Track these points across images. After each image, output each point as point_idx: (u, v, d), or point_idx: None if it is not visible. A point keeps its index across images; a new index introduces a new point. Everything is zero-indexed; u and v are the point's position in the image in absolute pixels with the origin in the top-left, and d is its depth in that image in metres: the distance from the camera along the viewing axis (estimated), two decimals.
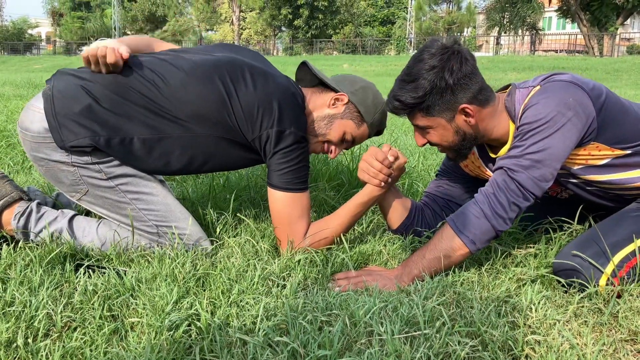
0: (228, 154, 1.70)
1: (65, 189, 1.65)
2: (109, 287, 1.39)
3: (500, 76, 16.22)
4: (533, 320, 1.32)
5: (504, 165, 1.47)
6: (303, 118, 1.68)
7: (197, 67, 1.66)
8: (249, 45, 46.41)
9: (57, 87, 1.60)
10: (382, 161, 1.66)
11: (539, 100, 1.43)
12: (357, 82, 1.85)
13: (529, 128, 1.43)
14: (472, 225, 1.48)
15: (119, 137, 1.58)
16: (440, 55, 1.45)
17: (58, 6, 54.79)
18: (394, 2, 51.90)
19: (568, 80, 1.46)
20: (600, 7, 28.17)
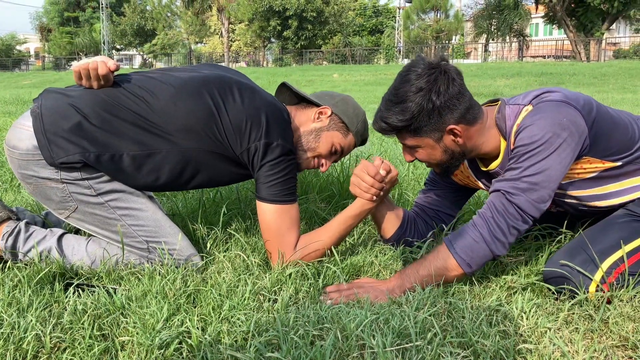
0: (217, 168, 1.70)
1: (54, 206, 1.64)
2: (99, 306, 1.38)
3: (489, 83, 16.33)
4: (524, 328, 1.33)
5: (502, 188, 1.46)
6: (290, 132, 1.69)
7: (185, 83, 1.67)
8: (239, 56, 46.52)
9: (45, 105, 1.60)
10: (374, 176, 1.66)
11: (533, 121, 1.43)
12: (335, 95, 1.88)
13: (524, 150, 1.43)
14: (470, 248, 1.47)
15: (108, 153, 1.58)
16: (427, 77, 1.45)
17: (46, 22, 54.74)
18: (382, 12, 52.28)
19: (560, 100, 1.45)
20: (586, 13, 28.49)
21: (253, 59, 44.30)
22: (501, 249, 1.47)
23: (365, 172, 1.67)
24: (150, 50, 44.58)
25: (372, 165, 1.68)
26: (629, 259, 1.45)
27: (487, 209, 1.49)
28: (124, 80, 1.69)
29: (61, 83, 21.81)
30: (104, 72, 1.61)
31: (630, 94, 11.87)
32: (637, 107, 8.09)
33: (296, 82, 19.76)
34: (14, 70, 45.53)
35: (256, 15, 37.33)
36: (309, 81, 20.43)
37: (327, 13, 37.81)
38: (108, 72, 1.62)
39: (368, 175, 1.67)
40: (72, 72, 1.68)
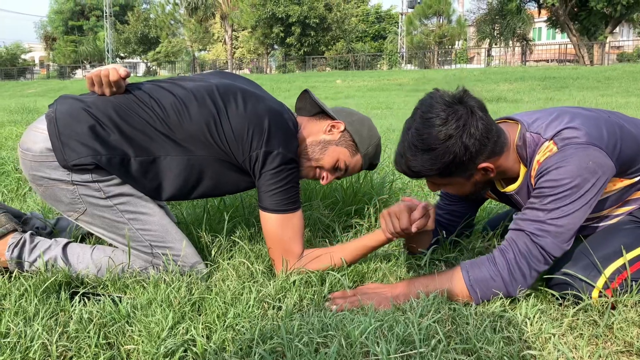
0: (221, 176, 1.71)
1: (63, 207, 1.67)
2: (105, 315, 1.39)
3: (493, 87, 16.33)
4: (528, 334, 1.33)
5: (526, 229, 1.43)
6: (293, 141, 1.69)
7: (191, 92, 1.70)
8: (242, 63, 46.68)
9: (60, 110, 1.65)
10: (404, 229, 1.60)
11: (559, 164, 1.39)
12: (354, 113, 1.88)
13: (550, 192, 1.40)
14: (486, 284, 1.45)
15: (119, 156, 1.61)
16: (455, 121, 1.38)
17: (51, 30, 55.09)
18: (385, 17, 52.42)
19: (585, 143, 1.41)
20: (589, 17, 28.49)
21: (256, 65, 44.46)
22: (517, 291, 1.45)
23: (398, 218, 1.61)
24: (154, 58, 44.82)
25: (407, 218, 1.60)
26: (632, 265, 1.45)
27: (509, 248, 1.45)
28: (135, 88, 1.73)
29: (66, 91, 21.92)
30: (115, 78, 1.66)
31: (635, 97, 11.85)
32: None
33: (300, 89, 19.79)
34: (19, 79, 45.83)
35: (259, 22, 37.49)
36: (312, 87, 20.47)
37: (330, 19, 37.94)
38: (119, 79, 1.67)
39: (400, 223, 1.61)
40: (76, 81, 1.73)
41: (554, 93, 14.01)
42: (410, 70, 30.14)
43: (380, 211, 2.18)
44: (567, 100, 11.35)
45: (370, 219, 2.15)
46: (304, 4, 36.10)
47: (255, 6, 36.83)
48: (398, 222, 1.61)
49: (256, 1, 36.58)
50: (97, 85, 1.69)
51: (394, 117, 8.50)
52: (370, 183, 2.51)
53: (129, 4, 52.88)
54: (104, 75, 1.67)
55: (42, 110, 8.88)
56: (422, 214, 1.61)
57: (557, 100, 11.64)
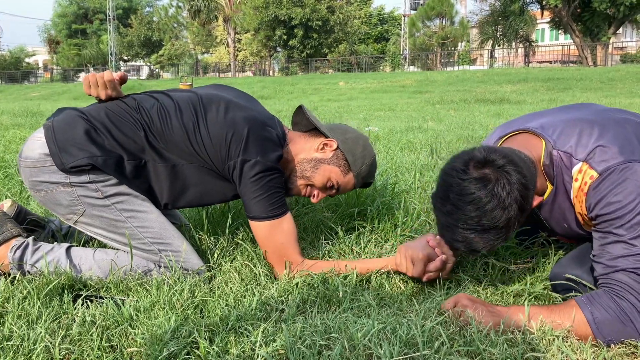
0: (207, 184, 1.74)
1: (63, 211, 1.69)
2: (108, 318, 1.39)
3: (496, 89, 16.32)
4: (532, 336, 1.32)
5: (624, 267, 1.32)
6: (274, 150, 1.69)
7: (175, 101, 1.76)
8: (245, 66, 46.74)
9: (56, 119, 1.72)
10: (417, 275, 1.60)
11: (613, 190, 1.34)
12: (349, 131, 1.88)
13: (621, 221, 1.33)
14: (617, 332, 1.32)
15: (114, 158, 1.65)
16: (501, 191, 1.32)
17: (54, 34, 55.36)
18: (388, 20, 52.46)
19: (625, 161, 1.35)
20: (592, 18, 28.45)
21: (259, 68, 44.53)
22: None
23: (412, 265, 1.61)
24: (157, 60, 44.93)
25: (422, 268, 1.59)
26: None
27: (625, 292, 1.32)
28: (128, 97, 1.80)
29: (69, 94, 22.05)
30: (109, 77, 1.74)
31: (639, 98, 11.83)
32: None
33: (302, 91, 19.86)
34: (23, 82, 46.00)
35: (262, 25, 37.54)
36: (315, 89, 20.51)
37: (333, 22, 37.96)
38: (113, 79, 1.75)
39: (413, 271, 1.60)
40: (80, 84, 1.77)
41: (557, 94, 13.99)
42: (413, 72, 30.13)
43: (383, 214, 2.19)
44: (570, 102, 11.33)
45: (373, 221, 2.14)
46: (306, 6, 36.14)
47: (258, 9, 36.89)
48: (412, 268, 1.60)
49: (259, 4, 36.65)
50: (93, 87, 1.76)
51: (397, 119, 8.50)
52: (373, 185, 2.50)
53: (132, 7, 53.10)
54: (99, 77, 1.75)
55: (46, 114, 8.92)
56: (437, 268, 1.60)
57: (561, 101, 11.62)
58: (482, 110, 9.77)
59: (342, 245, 1.98)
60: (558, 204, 1.50)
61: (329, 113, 9.69)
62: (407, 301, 1.55)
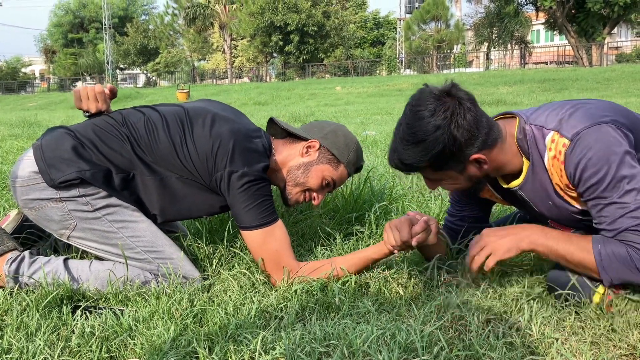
0: (195, 196, 1.76)
1: (55, 227, 1.70)
2: (107, 328, 1.39)
3: (492, 91, 16.36)
4: (532, 339, 1.32)
5: (624, 226, 1.35)
6: (261, 160, 1.70)
7: (162, 115, 1.79)
8: (242, 72, 46.81)
9: (44, 138, 1.75)
10: (405, 241, 1.61)
11: (587, 156, 1.36)
12: (325, 126, 1.90)
13: (605, 185, 1.35)
14: (620, 272, 1.36)
15: (102, 171, 1.67)
16: (443, 112, 1.39)
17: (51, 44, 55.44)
18: (383, 24, 52.59)
19: (592, 124, 1.38)
20: (586, 18, 28.56)
21: (256, 74, 44.61)
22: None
23: (398, 231, 1.62)
24: (153, 68, 45.00)
25: (408, 231, 1.61)
26: None
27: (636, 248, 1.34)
28: (115, 113, 1.82)
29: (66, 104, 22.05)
30: (100, 90, 1.79)
31: (634, 97, 11.86)
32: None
33: (299, 96, 19.89)
34: (19, 92, 46.04)
35: (258, 31, 37.65)
36: (312, 94, 20.54)
37: (328, 27, 38.07)
38: (103, 91, 1.79)
39: (400, 235, 1.61)
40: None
41: (553, 95, 14.03)
42: (410, 76, 30.20)
43: (381, 218, 2.19)
44: None
45: (371, 226, 2.14)
46: (302, 12, 36.25)
47: (254, 15, 37.01)
48: (399, 235, 1.61)
49: (254, 10, 36.76)
50: (84, 100, 1.79)
51: (394, 122, 8.51)
52: (371, 190, 2.51)
53: (128, 15, 53.21)
54: (90, 89, 1.79)
55: (43, 124, 8.92)
56: (423, 228, 1.62)
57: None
58: None
59: (341, 250, 1.98)
60: (538, 180, 1.53)
61: (326, 118, 9.70)
62: (406, 306, 1.55)
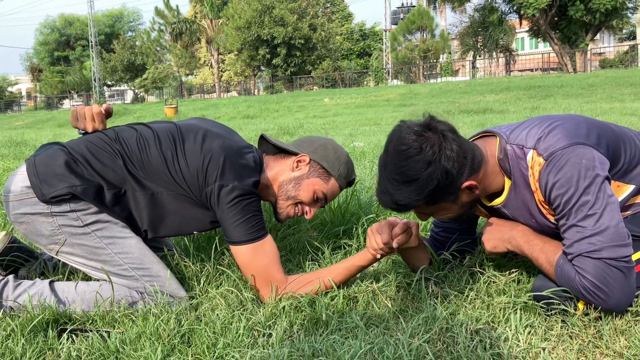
0: (186, 212, 1.76)
1: (44, 241, 1.70)
2: (93, 352, 1.38)
3: (479, 99, 16.48)
4: (519, 349, 1.33)
5: (580, 251, 1.36)
6: (252, 176, 1.71)
7: (155, 131, 1.80)
8: (230, 86, 46.86)
9: (38, 154, 1.76)
10: (385, 243, 1.61)
11: (557, 176, 1.38)
12: (315, 141, 1.91)
13: (569, 207, 1.37)
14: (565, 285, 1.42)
15: (93, 187, 1.68)
16: (431, 148, 1.39)
17: (37, 62, 55.24)
18: (369, 35, 52.94)
19: (568, 145, 1.40)
20: (569, 25, 28.95)
21: (244, 87, 44.69)
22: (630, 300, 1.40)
23: (379, 234, 1.63)
24: (141, 84, 44.94)
25: (388, 233, 1.61)
26: None
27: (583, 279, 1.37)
28: (109, 130, 1.83)
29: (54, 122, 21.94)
30: (97, 110, 1.80)
31: (618, 102, 12.00)
32: (625, 116, 8.18)
33: (288, 109, 19.93)
34: (6, 112, 45.77)
35: (245, 45, 37.76)
36: (300, 107, 20.59)
37: (315, 39, 38.29)
38: (100, 112, 1.81)
39: (380, 238, 1.62)
40: (64, 111, 1.85)
41: (539, 102, 14.16)
42: (397, 86, 30.39)
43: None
44: (552, 109, 11.47)
45: (359, 239, 2.15)
46: (288, 25, 36.43)
47: (240, 29, 37.13)
48: (380, 238, 1.62)
49: (241, 24, 36.89)
50: (81, 120, 1.81)
51: (383, 133, 8.55)
52: (358, 203, 2.51)
53: (114, 32, 53.21)
54: (87, 109, 1.81)
55: (31, 143, 8.86)
56: (403, 229, 1.63)
57: (543, 109, 11.75)
58: (465, 121, 9.85)
59: (329, 264, 1.98)
60: (520, 198, 1.54)
61: (315, 130, 9.72)
62: (394, 319, 1.55)
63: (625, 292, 1.35)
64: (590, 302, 1.38)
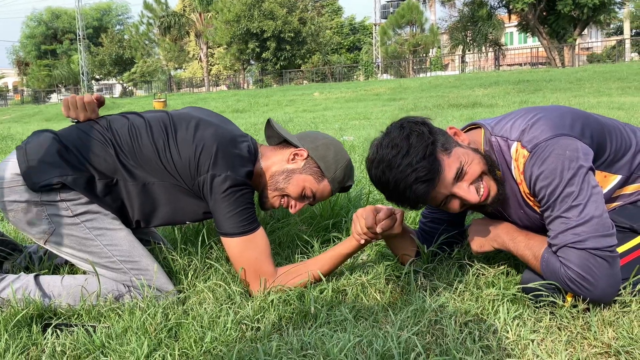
0: (178, 202, 1.74)
1: (33, 230, 1.68)
2: (78, 347, 1.36)
3: (468, 93, 16.51)
4: (508, 341, 1.33)
5: (565, 242, 1.37)
6: (245, 166, 1.69)
7: (146, 120, 1.77)
8: (219, 80, 46.63)
9: (29, 141, 1.73)
10: (369, 227, 1.61)
11: (541, 168, 1.38)
12: (319, 138, 1.87)
13: (553, 198, 1.37)
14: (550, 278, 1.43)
15: (84, 177, 1.66)
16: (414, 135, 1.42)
17: (23, 55, 54.62)
18: (359, 29, 52.89)
19: (552, 136, 1.40)
20: (557, 20, 29.07)
21: (233, 81, 44.47)
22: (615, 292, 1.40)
23: (364, 218, 1.63)
24: (129, 78, 44.59)
25: (372, 217, 1.62)
26: None
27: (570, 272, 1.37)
28: (102, 118, 1.81)
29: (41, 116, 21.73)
30: (88, 100, 1.78)
31: (606, 97, 12.08)
32: (612, 110, 8.23)
33: (278, 103, 19.86)
34: None
35: (234, 38, 37.56)
36: (290, 101, 20.52)
37: (305, 33, 38.17)
38: (92, 101, 1.79)
39: (365, 223, 1.62)
40: (52, 105, 1.79)
41: (528, 96, 14.21)
42: (387, 80, 30.39)
43: None
44: (541, 103, 11.52)
45: (349, 233, 2.14)
46: (278, 18, 36.29)
47: (230, 23, 36.92)
48: (364, 223, 1.62)
49: (230, 18, 36.68)
50: (72, 109, 1.78)
51: (372, 127, 8.54)
52: (347, 196, 2.50)
53: (103, 26, 52.72)
54: (78, 99, 1.78)
55: (17, 137, 8.76)
56: (387, 215, 1.64)
57: (532, 103, 11.80)
58: (455, 115, 9.86)
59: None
60: (509, 189, 1.54)
61: (305, 124, 9.69)
62: (383, 312, 1.54)
63: (610, 282, 1.36)
64: (577, 294, 1.38)
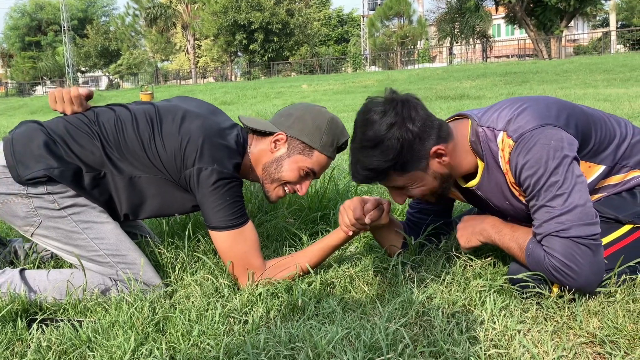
0: (166, 195, 1.72)
1: (19, 223, 1.66)
2: (64, 341, 1.35)
3: (456, 85, 16.54)
4: (495, 332, 1.34)
5: (549, 231, 1.38)
6: (232, 158, 1.67)
7: (132, 112, 1.75)
8: (207, 72, 46.31)
9: (16, 132, 1.73)
10: (357, 219, 1.62)
11: (526, 157, 1.39)
12: (292, 113, 1.80)
13: (538, 187, 1.38)
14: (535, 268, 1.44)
15: (71, 170, 1.63)
16: (393, 110, 1.42)
17: (7, 47, 53.85)
18: (347, 21, 52.75)
19: (537, 126, 1.41)
20: (544, 12, 29.18)
21: (221, 73, 44.20)
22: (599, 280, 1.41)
23: (351, 210, 1.63)
24: (116, 70, 44.18)
25: (360, 209, 1.62)
26: None
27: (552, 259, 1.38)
28: (89, 111, 1.79)
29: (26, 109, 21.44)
30: (75, 93, 1.76)
31: (592, 88, 12.16)
32: (598, 101, 8.29)
33: (266, 95, 19.78)
34: None
35: (221, 30, 37.30)
36: (278, 93, 20.45)
37: (292, 25, 37.99)
38: (79, 95, 1.76)
39: (352, 214, 1.62)
40: (36, 97, 1.78)
41: (515, 88, 14.28)
42: (375, 72, 30.35)
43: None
44: (528, 95, 11.57)
45: (337, 225, 2.13)
46: (265, 10, 36.07)
47: (217, 14, 36.65)
48: (352, 214, 1.62)
49: (217, 9, 36.40)
50: (59, 102, 1.76)
51: None
52: (335, 188, 2.50)
53: (88, 17, 52.08)
54: (65, 92, 1.76)
55: (1, 130, 8.65)
56: (374, 205, 1.65)
57: (519, 94, 11.85)
58: (443, 107, 9.89)
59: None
60: (494, 180, 1.55)
61: None
62: (371, 304, 1.55)
63: (594, 269, 1.37)
64: (561, 283, 1.40)
